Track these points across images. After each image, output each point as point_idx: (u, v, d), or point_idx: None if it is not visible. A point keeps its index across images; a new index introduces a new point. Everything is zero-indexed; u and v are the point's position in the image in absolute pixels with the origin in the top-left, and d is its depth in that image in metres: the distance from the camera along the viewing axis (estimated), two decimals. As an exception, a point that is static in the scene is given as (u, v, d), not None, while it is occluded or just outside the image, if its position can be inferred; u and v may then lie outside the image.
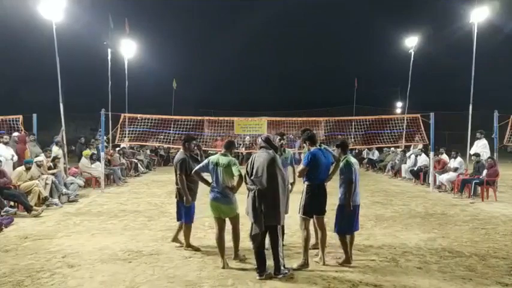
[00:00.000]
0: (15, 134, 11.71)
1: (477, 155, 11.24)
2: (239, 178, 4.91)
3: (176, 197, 5.84)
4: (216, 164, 5.04)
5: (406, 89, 18.06)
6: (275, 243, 4.70)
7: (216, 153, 5.34)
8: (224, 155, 5.09)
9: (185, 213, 5.77)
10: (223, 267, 4.95)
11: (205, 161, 5.20)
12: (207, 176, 5.29)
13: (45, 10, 11.08)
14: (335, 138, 21.81)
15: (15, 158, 10.32)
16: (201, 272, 4.88)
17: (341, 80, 32.33)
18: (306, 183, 5.17)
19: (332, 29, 38.02)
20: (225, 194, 4.99)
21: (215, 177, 5.06)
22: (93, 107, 17.51)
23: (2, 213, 7.68)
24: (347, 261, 5.13)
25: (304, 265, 5.02)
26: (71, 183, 10.62)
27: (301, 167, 5.15)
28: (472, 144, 12.29)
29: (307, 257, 5.07)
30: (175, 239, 5.98)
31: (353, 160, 5.24)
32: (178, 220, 5.95)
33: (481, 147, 11.81)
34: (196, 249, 5.75)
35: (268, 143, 4.87)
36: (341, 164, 5.20)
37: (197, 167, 5.25)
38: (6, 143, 10.29)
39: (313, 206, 5.16)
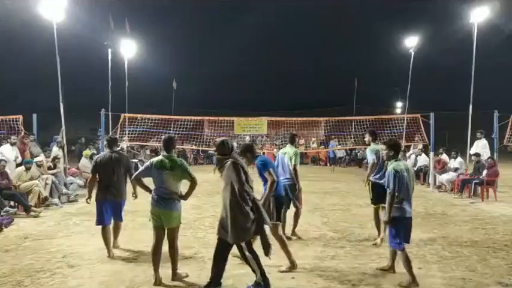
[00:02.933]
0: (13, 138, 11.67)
1: (477, 154, 11.24)
2: (193, 182, 4.58)
3: (100, 197, 5.58)
4: (161, 167, 4.57)
5: (406, 89, 18.05)
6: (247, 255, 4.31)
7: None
8: (168, 156, 4.65)
9: (119, 212, 5.73)
10: (155, 284, 4.50)
11: (147, 163, 4.74)
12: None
13: (45, 10, 11.09)
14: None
15: (19, 159, 10.31)
16: (201, 272, 4.88)
17: (341, 80, 32.31)
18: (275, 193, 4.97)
19: (332, 29, 38.01)
20: (171, 200, 4.55)
21: (159, 181, 4.59)
22: (93, 107, 17.47)
23: (2, 213, 7.69)
24: (412, 283, 4.46)
25: (292, 267, 4.93)
26: (71, 183, 10.62)
27: (272, 173, 4.87)
28: (472, 144, 12.29)
29: (292, 259, 4.95)
30: (112, 247, 5.59)
31: (402, 166, 4.62)
32: (100, 224, 5.54)
33: (481, 147, 11.80)
34: (113, 249, 5.57)
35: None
36: (388, 170, 4.71)
37: (137, 172, 4.82)
38: (13, 144, 10.32)
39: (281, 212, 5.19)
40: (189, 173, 4.63)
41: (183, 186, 4.72)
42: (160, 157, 4.70)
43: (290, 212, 6.45)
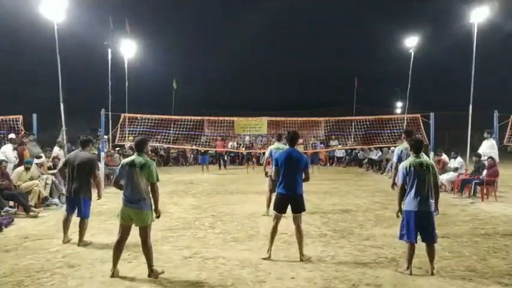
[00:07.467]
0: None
1: (479, 155, 11.23)
2: (154, 186, 4.72)
3: (79, 193, 6.18)
4: (131, 167, 4.69)
5: (406, 89, 18.07)
6: None
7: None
8: (139, 156, 4.77)
9: (87, 209, 6.24)
10: (113, 276, 4.68)
11: (120, 165, 4.88)
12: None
13: (47, 11, 11.09)
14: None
15: (17, 160, 10.35)
16: (201, 272, 4.89)
17: (341, 80, 32.31)
18: None
19: (332, 29, 38.04)
20: (141, 199, 4.68)
21: (129, 180, 4.70)
22: (93, 107, 17.48)
23: (2, 213, 7.69)
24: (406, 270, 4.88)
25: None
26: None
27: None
28: (472, 144, 12.29)
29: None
30: (67, 238, 6.21)
31: (414, 162, 5.02)
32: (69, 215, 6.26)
33: (489, 147, 11.73)
34: (88, 243, 6.08)
35: None
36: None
37: (116, 176, 4.94)
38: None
39: None
40: (154, 175, 4.72)
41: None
42: (132, 157, 4.84)
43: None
